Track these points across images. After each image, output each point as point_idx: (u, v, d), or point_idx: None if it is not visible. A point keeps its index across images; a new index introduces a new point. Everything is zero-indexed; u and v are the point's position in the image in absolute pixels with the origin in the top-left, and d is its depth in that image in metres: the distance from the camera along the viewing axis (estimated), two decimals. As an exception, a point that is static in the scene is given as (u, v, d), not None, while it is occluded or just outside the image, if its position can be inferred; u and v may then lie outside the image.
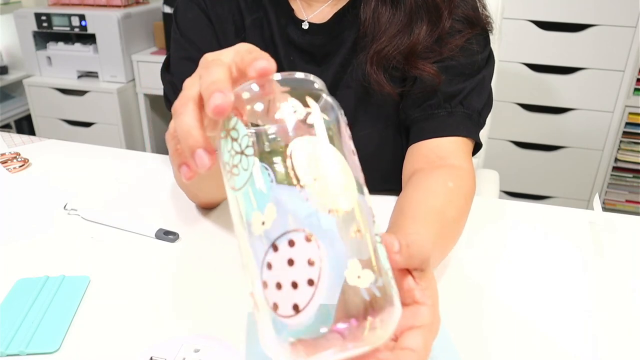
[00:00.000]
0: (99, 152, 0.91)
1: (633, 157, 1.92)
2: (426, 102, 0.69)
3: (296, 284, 0.28)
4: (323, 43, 0.73)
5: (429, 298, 0.37)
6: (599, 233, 0.67)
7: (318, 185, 0.29)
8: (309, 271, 0.28)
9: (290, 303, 0.28)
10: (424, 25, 0.66)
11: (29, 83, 2.28)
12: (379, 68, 0.68)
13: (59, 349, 0.47)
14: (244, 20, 0.75)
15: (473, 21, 0.69)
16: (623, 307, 0.54)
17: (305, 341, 0.29)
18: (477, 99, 0.70)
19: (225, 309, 0.52)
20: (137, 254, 0.61)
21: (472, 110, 0.69)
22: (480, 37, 0.70)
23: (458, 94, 0.69)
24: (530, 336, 0.49)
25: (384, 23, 0.67)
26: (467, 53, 0.69)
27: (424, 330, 0.35)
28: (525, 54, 1.82)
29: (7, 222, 0.67)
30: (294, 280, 0.28)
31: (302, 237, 0.28)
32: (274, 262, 0.28)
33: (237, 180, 0.30)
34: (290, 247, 0.28)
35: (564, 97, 1.86)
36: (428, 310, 0.37)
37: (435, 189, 0.62)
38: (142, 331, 0.49)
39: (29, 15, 2.19)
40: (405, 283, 0.37)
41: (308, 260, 0.28)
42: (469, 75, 0.69)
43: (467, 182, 0.64)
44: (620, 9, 1.69)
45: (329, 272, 0.28)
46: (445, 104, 0.69)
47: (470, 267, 0.60)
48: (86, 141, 0.97)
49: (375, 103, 0.73)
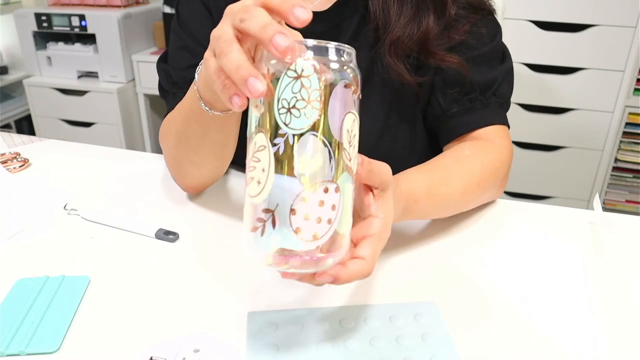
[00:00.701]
0: (99, 152, 0.91)
1: (633, 157, 1.92)
2: (465, 97, 0.72)
3: (320, 219, 0.37)
4: (323, 31, 0.74)
5: (381, 212, 0.46)
6: (599, 233, 0.67)
7: (349, 153, 0.38)
8: (331, 214, 0.38)
9: (311, 232, 0.37)
10: (431, 14, 0.68)
11: (29, 83, 2.29)
12: (399, 58, 0.69)
13: (59, 349, 0.47)
14: None
15: (476, 6, 0.72)
16: (623, 307, 0.54)
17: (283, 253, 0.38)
18: (508, 87, 0.74)
19: (225, 309, 0.52)
20: (137, 254, 0.61)
21: (504, 99, 0.74)
22: (487, 21, 0.73)
23: (492, 85, 0.72)
24: (530, 336, 0.49)
25: (393, 15, 0.69)
26: (482, 39, 0.72)
27: (374, 238, 0.44)
28: (525, 54, 1.82)
29: (7, 222, 0.67)
30: (319, 217, 0.37)
31: (334, 187, 0.38)
32: (309, 199, 0.37)
33: (294, 122, 0.36)
34: (324, 193, 0.37)
35: (564, 97, 1.86)
36: (379, 222, 0.45)
37: (449, 153, 0.70)
38: (142, 331, 0.49)
39: (29, 15, 2.19)
40: (366, 199, 0.46)
41: (332, 205, 0.38)
42: (495, 61, 0.74)
43: (490, 153, 0.70)
44: (620, 9, 1.69)
45: (339, 219, 0.38)
46: (481, 96, 0.72)
47: (470, 267, 0.60)
48: (86, 141, 0.97)
49: (380, 92, 0.74)
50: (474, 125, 0.73)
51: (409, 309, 0.52)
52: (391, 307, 0.52)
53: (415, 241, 0.64)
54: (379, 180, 0.46)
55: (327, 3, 0.74)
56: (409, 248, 0.63)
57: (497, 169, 0.69)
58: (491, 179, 0.68)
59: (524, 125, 1.93)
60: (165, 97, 0.80)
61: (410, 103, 0.75)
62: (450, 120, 0.74)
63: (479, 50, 0.72)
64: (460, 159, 0.68)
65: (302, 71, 0.36)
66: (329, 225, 0.38)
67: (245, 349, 0.47)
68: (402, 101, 0.74)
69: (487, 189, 0.68)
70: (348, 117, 0.38)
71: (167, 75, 0.78)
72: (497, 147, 0.71)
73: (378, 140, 0.75)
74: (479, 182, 0.66)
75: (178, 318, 0.51)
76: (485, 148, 0.71)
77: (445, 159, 0.68)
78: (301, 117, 0.36)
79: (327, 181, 0.37)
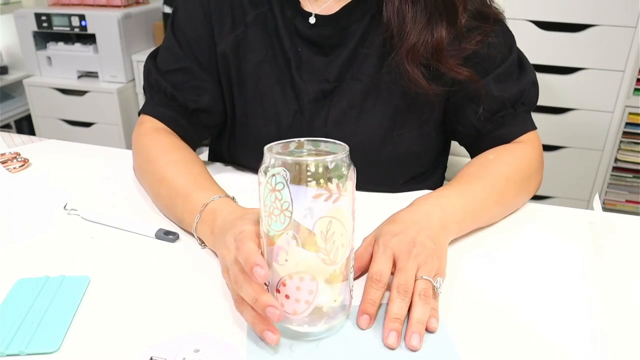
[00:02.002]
0: (99, 152, 0.91)
1: (633, 157, 1.92)
2: (498, 114, 0.74)
3: (298, 300, 0.46)
4: (331, 34, 0.74)
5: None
6: (599, 233, 0.67)
7: (327, 248, 0.45)
8: (308, 297, 0.45)
9: (292, 309, 0.46)
10: (443, 21, 0.69)
11: (29, 83, 2.29)
12: (416, 65, 0.70)
13: (59, 349, 0.47)
14: (245, 15, 0.76)
15: (485, 15, 0.72)
16: (623, 307, 0.54)
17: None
18: (535, 94, 0.77)
19: (225, 309, 0.52)
20: (137, 254, 0.61)
21: (531, 106, 0.77)
22: (500, 31, 0.74)
23: (520, 97, 0.74)
24: (530, 336, 0.49)
25: (409, 21, 0.69)
26: (501, 52, 0.74)
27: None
28: (525, 54, 1.81)
29: (7, 222, 0.67)
30: (297, 298, 0.46)
31: (309, 277, 0.45)
32: (288, 284, 0.45)
33: (273, 225, 0.44)
34: (300, 281, 0.45)
35: (564, 97, 1.86)
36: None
37: (474, 161, 0.74)
38: (142, 331, 0.49)
39: (29, 15, 2.19)
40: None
41: (309, 290, 0.45)
42: (518, 72, 0.76)
43: (515, 153, 0.73)
44: (620, 9, 1.69)
45: (317, 300, 0.46)
46: (511, 109, 0.74)
47: (470, 267, 0.60)
48: (86, 141, 0.97)
49: (386, 99, 0.74)
50: (509, 138, 0.76)
51: (409, 309, 0.52)
52: (391, 307, 0.52)
53: (415, 241, 0.64)
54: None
55: (335, 6, 0.73)
56: (409, 248, 0.63)
57: (526, 165, 0.72)
58: (520, 175, 0.70)
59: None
60: (144, 92, 0.82)
61: (417, 111, 0.75)
62: (485, 138, 0.77)
63: (501, 66, 0.73)
64: (485, 163, 0.72)
65: (276, 185, 0.43)
66: (307, 305, 0.45)
67: (245, 349, 0.47)
68: (409, 109, 0.75)
69: (520, 184, 0.70)
70: (321, 222, 0.44)
71: (148, 74, 0.80)
72: (524, 146, 0.74)
73: (381, 146, 0.75)
74: (508, 177, 0.69)
75: (178, 318, 0.51)
76: (510, 150, 0.74)
77: (469, 167, 0.73)
78: (277, 222, 0.44)
79: (303, 272, 0.45)
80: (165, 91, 0.78)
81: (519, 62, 0.77)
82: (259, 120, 0.78)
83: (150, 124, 0.78)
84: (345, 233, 0.45)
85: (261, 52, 0.76)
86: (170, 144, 0.75)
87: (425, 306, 0.49)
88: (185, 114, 0.78)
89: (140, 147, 0.75)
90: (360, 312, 0.50)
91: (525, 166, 0.72)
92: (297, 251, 0.44)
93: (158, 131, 0.77)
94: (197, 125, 0.80)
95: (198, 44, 0.78)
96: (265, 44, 0.76)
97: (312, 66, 0.75)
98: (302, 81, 0.75)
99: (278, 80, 0.76)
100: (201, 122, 0.80)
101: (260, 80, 0.77)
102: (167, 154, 0.72)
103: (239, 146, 0.83)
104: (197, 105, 0.78)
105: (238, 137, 0.82)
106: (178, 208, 0.65)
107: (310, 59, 0.75)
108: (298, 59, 0.75)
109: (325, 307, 0.46)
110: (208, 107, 0.79)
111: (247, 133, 0.80)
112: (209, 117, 0.80)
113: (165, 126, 0.78)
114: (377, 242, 0.55)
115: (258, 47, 0.76)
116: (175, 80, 0.78)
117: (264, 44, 0.76)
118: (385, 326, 0.48)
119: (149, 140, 0.75)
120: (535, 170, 0.74)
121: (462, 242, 0.64)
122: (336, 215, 0.44)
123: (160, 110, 0.78)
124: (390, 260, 0.52)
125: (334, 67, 0.74)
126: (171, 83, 0.77)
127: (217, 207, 0.60)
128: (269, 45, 0.76)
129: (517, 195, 0.70)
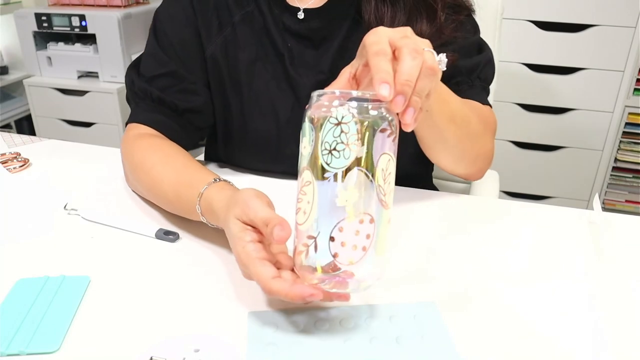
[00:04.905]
0: (99, 152, 0.91)
1: (633, 157, 1.92)
2: (452, 80, 0.74)
3: (356, 246, 0.43)
4: (319, 27, 0.75)
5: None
6: (599, 233, 0.67)
7: (385, 188, 0.44)
8: (365, 242, 0.43)
9: (347, 257, 0.43)
10: (424, 19, 0.71)
11: (29, 83, 2.28)
12: None
13: (59, 349, 0.47)
14: (231, 16, 0.77)
15: (460, 7, 0.75)
16: (623, 307, 0.54)
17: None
18: (490, 72, 0.78)
19: (225, 309, 0.52)
20: (137, 254, 0.61)
21: (487, 82, 0.78)
22: (470, 20, 0.77)
23: (476, 69, 0.75)
24: (530, 336, 0.49)
25: (387, 21, 0.71)
26: (467, 35, 0.76)
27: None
28: (525, 54, 1.82)
29: (7, 222, 0.67)
30: (355, 244, 0.43)
31: (369, 219, 0.43)
32: (346, 228, 0.43)
33: (334, 162, 0.42)
34: (359, 224, 0.43)
35: (564, 97, 1.86)
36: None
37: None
38: (142, 331, 0.49)
39: (29, 15, 2.19)
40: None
41: (367, 234, 0.43)
42: (477, 51, 0.77)
43: (483, 110, 0.74)
44: (620, 9, 1.69)
45: (373, 247, 0.44)
46: (467, 79, 0.75)
47: (470, 267, 0.60)
48: (86, 141, 0.97)
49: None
50: None
51: (409, 309, 0.52)
52: (391, 307, 0.52)
53: (416, 241, 0.64)
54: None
55: (321, 0, 0.75)
56: (409, 248, 0.63)
57: (486, 123, 0.73)
58: (479, 122, 0.71)
59: (523, 125, 1.93)
60: (128, 103, 0.81)
61: None
62: None
63: (462, 42, 0.74)
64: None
65: (342, 118, 0.42)
66: (363, 252, 0.43)
67: (245, 349, 0.47)
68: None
69: (477, 127, 0.70)
70: (383, 158, 0.43)
71: (131, 85, 0.79)
72: (486, 108, 0.75)
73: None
74: (475, 118, 0.69)
75: (178, 318, 0.51)
76: (478, 107, 0.74)
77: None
78: (340, 158, 0.42)
79: (363, 213, 0.43)
80: (151, 96, 0.77)
81: (482, 45, 0.78)
82: (257, 117, 0.78)
83: (135, 131, 0.76)
84: (393, 177, 0.44)
85: (252, 51, 0.77)
86: (150, 147, 0.73)
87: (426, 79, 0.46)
88: (175, 116, 0.78)
89: (124, 157, 0.75)
90: (378, 82, 0.44)
91: (483, 120, 0.72)
92: (355, 191, 0.42)
93: (141, 136, 0.75)
94: (187, 127, 0.79)
95: (183, 47, 0.78)
96: (255, 42, 0.77)
97: (304, 60, 0.76)
98: (298, 74, 0.76)
99: (273, 76, 0.77)
100: (192, 124, 0.80)
101: (255, 79, 0.77)
102: (149, 157, 0.70)
103: (236, 146, 0.83)
104: (188, 105, 0.77)
105: (236, 137, 0.82)
106: (177, 210, 0.66)
107: (301, 52, 0.76)
108: (290, 54, 0.76)
109: (376, 257, 0.45)
110: (199, 107, 0.79)
111: (246, 132, 0.80)
112: (200, 118, 0.80)
113: (150, 131, 0.76)
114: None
115: (248, 46, 0.77)
116: (162, 84, 0.77)
117: (254, 43, 0.77)
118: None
119: (129, 148, 0.74)
120: (487, 132, 0.74)
121: (462, 242, 0.64)
122: (393, 155, 0.44)
123: (146, 116, 0.77)
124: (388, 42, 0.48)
125: (326, 58, 0.76)
126: (158, 87, 0.77)
127: (208, 199, 0.60)
128: (259, 43, 0.77)
129: (473, 132, 0.70)
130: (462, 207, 0.74)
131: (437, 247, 0.63)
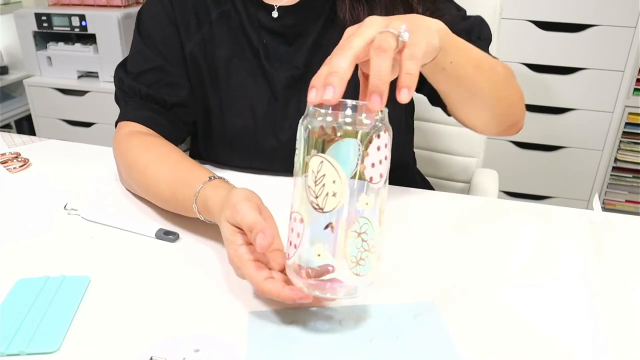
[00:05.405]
0: (99, 152, 0.91)
1: (633, 157, 1.92)
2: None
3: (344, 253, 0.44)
4: (293, 23, 0.76)
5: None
6: (599, 233, 0.67)
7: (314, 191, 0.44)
8: (296, 240, 0.46)
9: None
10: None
11: (29, 83, 2.28)
12: None
13: (59, 349, 0.47)
14: (209, 14, 0.78)
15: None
16: (623, 307, 0.54)
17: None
18: (487, 31, 0.76)
19: (225, 309, 0.52)
20: (137, 254, 0.61)
21: (488, 41, 0.76)
22: (451, 3, 0.77)
23: (472, 29, 0.74)
24: (530, 336, 0.49)
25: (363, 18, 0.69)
26: (451, 10, 0.75)
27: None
28: (525, 54, 1.82)
29: (7, 222, 0.67)
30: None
31: (299, 218, 0.45)
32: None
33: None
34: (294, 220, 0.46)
35: (564, 97, 1.86)
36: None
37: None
38: (142, 331, 0.49)
39: (29, 15, 2.19)
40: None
41: (297, 234, 0.46)
42: (464, 18, 0.76)
43: (498, 60, 0.71)
44: (620, 9, 1.69)
45: (301, 246, 0.46)
46: (464, 37, 0.72)
47: (470, 267, 0.60)
48: (86, 141, 0.97)
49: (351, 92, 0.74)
50: None
51: (409, 309, 0.52)
52: (391, 307, 0.52)
53: (415, 241, 0.64)
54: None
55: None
56: (409, 248, 0.63)
57: (505, 71, 0.71)
58: (501, 69, 0.70)
59: (524, 125, 1.93)
60: (117, 103, 0.82)
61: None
62: None
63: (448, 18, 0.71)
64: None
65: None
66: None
67: (245, 349, 0.47)
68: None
69: (506, 74, 0.70)
70: (314, 160, 0.43)
71: (120, 83, 0.80)
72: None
73: None
74: (497, 66, 0.68)
75: (178, 318, 0.51)
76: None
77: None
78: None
79: (294, 212, 0.46)
80: (139, 93, 0.78)
81: (465, 15, 0.77)
82: (235, 113, 0.80)
83: (125, 130, 0.77)
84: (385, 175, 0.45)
85: (229, 48, 0.78)
86: (143, 145, 0.73)
87: (380, 58, 0.45)
88: (164, 111, 0.79)
89: (117, 156, 0.75)
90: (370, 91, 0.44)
91: (504, 66, 0.71)
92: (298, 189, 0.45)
93: (133, 135, 0.75)
94: (176, 122, 0.80)
95: (165, 44, 0.79)
96: (232, 39, 0.78)
97: (279, 55, 0.77)
98: (274, 69, 0.77)
99: (249, 73, 0.78)
100: (180, 119, 0.81)
101: (232, 75, 0.78)
102: (143, 156, 0.71)
103: (216, 143, 0.84)
104: (176, 99, 0.79)
105: (215, 134, 0.83)
106: (173, 207, 0.67)
107: (276, 48, 0.77)
108: (265, 50, 0.77)
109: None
110: (185, 101, 0.80)
111: (225, 128, 0.81)
112: (187, 112, 0.81)
113: (141, 128, 0.77)
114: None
115: (225, 43, 0.78)
116: (150, 79, 0.78)
117: (231, 40, 0.78)
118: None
119: (122, 147, 0.74)
120: (512, 76, 0.73)
121: (462, 242, 0.64)
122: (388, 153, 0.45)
123: (136, 113, 0.78)
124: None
125: (300, 54, 0.77)
126: (145, 83, 0.78)
127: (204, 198, 0.60)
128: (235, 41, 0.78)
129: (504, 78, 0.69)
130: (462, 207, 0.74)
131: (437, 247, 0.63)
